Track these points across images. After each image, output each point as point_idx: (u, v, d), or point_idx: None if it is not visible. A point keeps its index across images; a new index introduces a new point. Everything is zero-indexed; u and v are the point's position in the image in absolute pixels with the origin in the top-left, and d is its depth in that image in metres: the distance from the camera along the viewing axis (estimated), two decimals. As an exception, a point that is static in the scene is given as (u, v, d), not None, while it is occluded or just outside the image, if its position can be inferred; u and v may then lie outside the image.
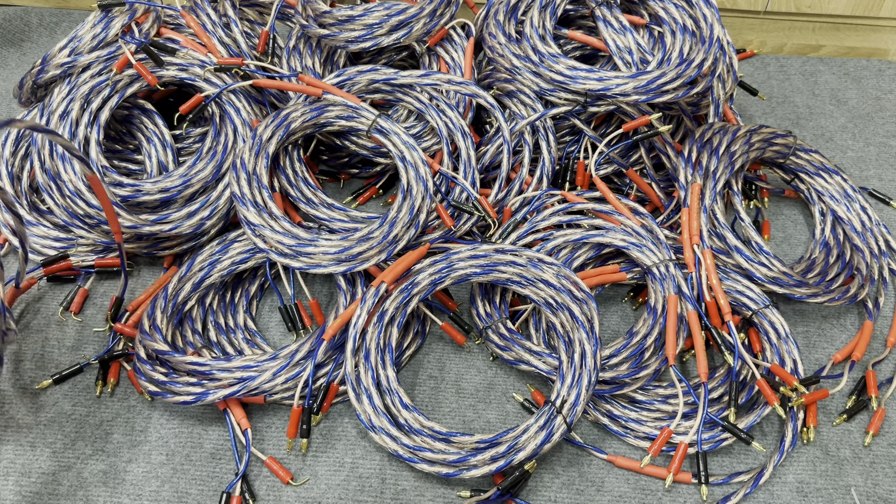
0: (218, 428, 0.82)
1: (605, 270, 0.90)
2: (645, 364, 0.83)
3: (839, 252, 0.96)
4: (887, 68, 1.29)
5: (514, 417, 0.84)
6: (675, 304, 0.84)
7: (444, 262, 0.84)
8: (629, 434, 0.82)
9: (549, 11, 0.99)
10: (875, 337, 0.92)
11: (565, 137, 1.03)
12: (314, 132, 0.98)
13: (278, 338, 0.91)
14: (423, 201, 0.91)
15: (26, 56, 1.26)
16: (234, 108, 0.96)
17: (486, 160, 0.98)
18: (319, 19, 0.98)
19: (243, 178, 0.90)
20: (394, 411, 0.78)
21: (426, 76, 0.98)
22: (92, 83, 0.92)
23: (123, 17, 0.94)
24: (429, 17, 0.99)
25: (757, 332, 0.86)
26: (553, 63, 0.94)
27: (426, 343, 0.90)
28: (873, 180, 1.10)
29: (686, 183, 0.92)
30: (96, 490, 0.78)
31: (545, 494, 0.78)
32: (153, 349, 0.82)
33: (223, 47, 1.00)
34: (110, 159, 0.97)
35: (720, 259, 0.89)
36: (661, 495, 0.78)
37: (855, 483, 0.80)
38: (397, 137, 0.94)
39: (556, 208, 0.93)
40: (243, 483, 0.77)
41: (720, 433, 0.80)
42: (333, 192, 1.06)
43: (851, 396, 0.86)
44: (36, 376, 0.86)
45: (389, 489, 0.78)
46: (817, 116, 1.20)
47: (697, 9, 0.96)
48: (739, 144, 0.96)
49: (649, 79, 0.90)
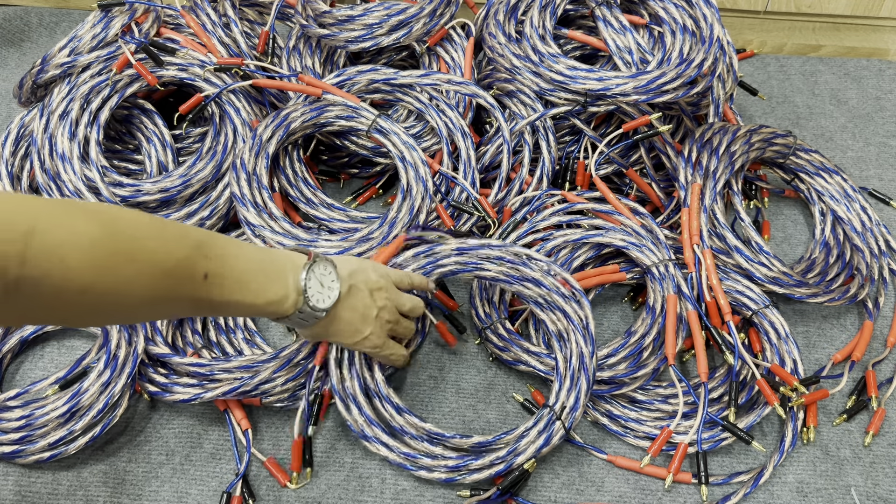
0: (218, 428, 0.82)
1: (605, 270, 0.90)
2: (643, 363, 0.83)
3: (839, 252, 0.96)
4: (887, 68, 1.29)
5: (515, 417, 0.84)
6: (675, 303, 0.84)
7: (428, 257, 0.83)
8: (629, 434, 0.82)
9: (549, 11, 0.99)
10: (875, 337, 0.92)
11: (565, 137, 1.03)
12: (314, 132, 0.98)
13: (278, 338, 0.91)
14: (422, 201, 0.91)
15: (26, 56, 1.26)
16: (234, 108, 0.96)
17: (486, 160, 0.98)
18: (319, 19, 0.98)
19: (243, 179, 0.90)
20: (386, 416, 0.78)
21: (426, 76, 0.98)
22: (92, 83, 0.92)
23: (123, 17, 0.94)
24: (429, 17, 0.99)
25: (757, 332, 0.86)
26: (553, 63, 0.94)
27: (426, 343, 0.90)
28: (873, 180, 1.10)
29: (686, 183, 0.91)
30: (96, 490, 0.77)
31: (545, 494, 0.78)
32: (153, 353, 0.82)
33: (223, 47, 1.00)
34: (110, 159, 0.97)
35: (720, 259, 0.89)
36: (661, 495, 0.78)
37: (855, 483, 0.80)
38: (397, 137, 0.94)
39: (556, 208, 0.93)
40: (243, 483, 0.77)
41: (720, 433, 0.80)
42: (333, 192, 1.06)
43: (851, 396, 0.86)
44: (36, 377, 0.86)
45: (389, 489, 0.78)
46: (817, 116, 1.20)
47: (697, 9, 0.96)
48: (739, 144, 0.96)
49: (649, 79, 0.90)
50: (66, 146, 0.90)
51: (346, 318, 0.72)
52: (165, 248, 0.54)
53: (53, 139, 0.90)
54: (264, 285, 0.63)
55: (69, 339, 0.89)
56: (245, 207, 0.89)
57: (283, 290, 0.64)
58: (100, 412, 0.77)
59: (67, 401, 0.77)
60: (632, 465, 0.79)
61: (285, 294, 0.65)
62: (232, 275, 0.60)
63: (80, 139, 0.91)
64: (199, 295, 0.58)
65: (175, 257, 0.55)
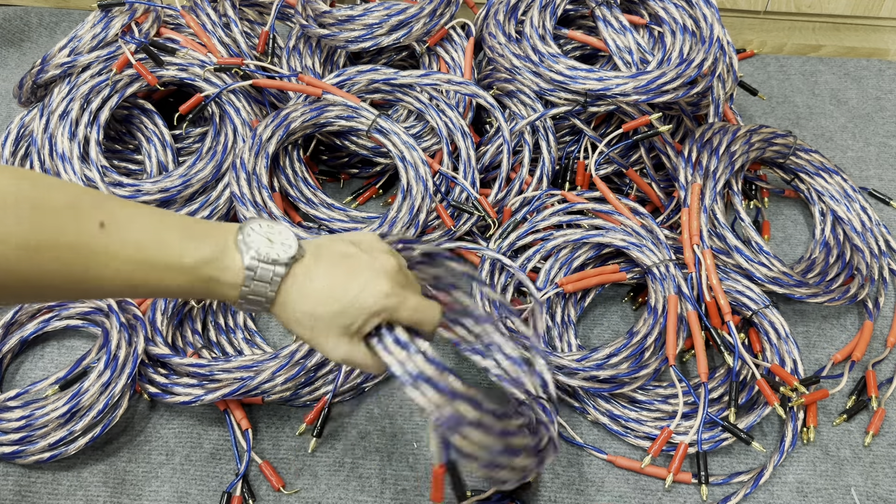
0: (218, 428, 0.82)
1: (605, 270, 0.90)
2: (645, 363, 0.83)
3: (839, 252, 0.96)
4: (887, 68, 1.29)
5: (514, 417, 0.84)
6: (676, 304, 0.84)
7: None
8: (629, 434, 0.82)
9: (549, 11, 0.99)
10: (875, 337, 0.92)
11: (565, 137, 1.03)
12: (314, 132, 0.98)
13: (278, 338, 0.91)
14: (422, 201, 0.91)
15: (26, 56, 1.26)
16: (234, 107, 0.96)
17: (486, 160, 0.98)
18: (319, 19, 0.98)
19: (243, 178, 0.90)
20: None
21: (426, 76, 0.98)
22: (92, 83, 0.92)
23: (123, 16, 0.94)
24: (429, 17, 0.99)
25: (757, 332, 0.86)
26: (553, 63, 0.94)
27: (426, 343, 0.90)
28: (873, 180, 1.10)
29: (686, 183, 0.91)
30: (96, 490, 0.77)
31: (545, 495, 0.78)
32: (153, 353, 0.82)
33: (223, 47, 0.99)
34: (110, 159, 0.97)
35: (720, 259, 0.89)
36: (661, 495, 0.78)
37: (855, 483, 0.80)
38: (397, 137, 0.94)
39: (556, 208, 0.93)
40: (243, 483, 0.77)
41: (720, 433, 0.80)
42: (333, 192, 1.06)
43: (851, 396, 0.86)
44: (36, 377, 0.86)
45: (389, 489, 0.78)
46: (817, 116, 1.20)
47: (697, 9, 0.96)
48: (739, 144, 0.95)
49: (649, 79, 0.90)
50: (66, 146, 0.90)
51: (326, 284, 0.55)
52: (50, 192, 0.47)
53: (53, 139, 0.90)
54: (187, 242, 0.52)
55: (69, 339, 0.89)
56: (245, 207, 0.89)
57: (217, 247, 0.52)
58: (100, 412, 0.77)
59: (67, 401, 0.77)
60: (632, 465, 0.79)
61: (221, 250, 0.52)
62: (141, 227, 0.50)
63: (80, 139, 0.91)
64: (94, 246, 0.48)
65: (62, 200, 0.47)
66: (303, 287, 0.54)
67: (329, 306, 0.54)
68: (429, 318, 0.58)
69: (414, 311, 0.57)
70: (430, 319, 0.58)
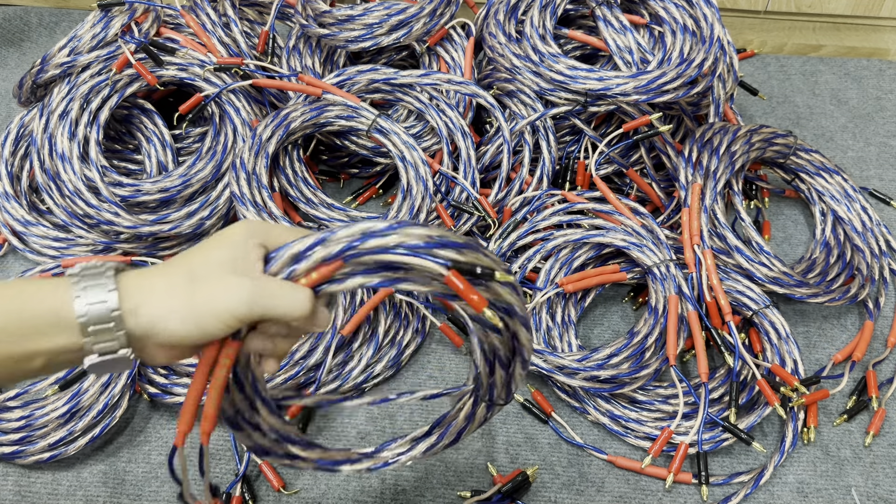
0: (218, 428, 0.82)
1: (606, 270, 0.90)
2: (646, 363, 0.83)
3: (840, 252, 0.96)
4: (887, 68, 1.29)
5: (515, 417, 0.84)
6: (676, 304, 0.84)
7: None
8: (629, 434, 0.81)
9: (550, 11, 0.99)
10: (875, 337, 0.92)
11: (565, 137, 1.03)
12: (314, 132, 0.98)
13: (278, 338, 0.91)
14: (423, 201, 0.91)
15: (26, 56, 1.26)
16: (234, 107, 0.96)
17: (486, 160, 0.98)
18: (319, 19, 0.98)
19: (243, 178, 0.90)
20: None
21: (426, 76, 0.98)
22: (91, 83, 0.92)
23: (123, 16, 0.94)
24: (429, 17, 0.99)
25: (757, 333, 0.86)
26: (553, 63, 0.94)
27: (426, 343, 0.90)
28: (874, 180, 1.10)
29: (686, 183, 0.91)
30: (96, 490, 0.77)
31: (546, 495, 0.78)
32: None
33: (223, 47, 0.99)
34: (110, 159, 0.97)
35: (720, 259, 0.89)
36: (662, 496, 0.78)
37: (855, 483, 0.80)
38: (397, 137, 0.94)
39: (557, 208, 0.93)
40: (243, 483, 0.77)
41: (721, 433, 0.80)
42: (333, 192, 1.06)
43: (852, 397, 0.85)
44: (35, 376, 0.86)
45: (389, 489, 0.78)
46: (818, 116, 1.20)
47: (698, 8, 0.95)
48: (740, 144, 0.95)
49: (649, 79, 0.90)
50: (65, 146, 0.90)
51: (176, 263, 0.47)
52: None
53: (53, 139, 0.90)
54: (26, 331, 0.44)
55: (69, 339, 0.89)
56: (245, 207, 0.89)
57: (57, 316, 0.44)
58: (100, 413, 0.77)
59: (67, 401, 0.77)
60: (632, 465, 0.79)
61: (64, 317, 0.44)
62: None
63: (79, 139, 0.91)
64: None
65: None
66: (148, 286, 0.46)
67: (202, 254, 0.47)
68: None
69: (285, 231, 0.50)
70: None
